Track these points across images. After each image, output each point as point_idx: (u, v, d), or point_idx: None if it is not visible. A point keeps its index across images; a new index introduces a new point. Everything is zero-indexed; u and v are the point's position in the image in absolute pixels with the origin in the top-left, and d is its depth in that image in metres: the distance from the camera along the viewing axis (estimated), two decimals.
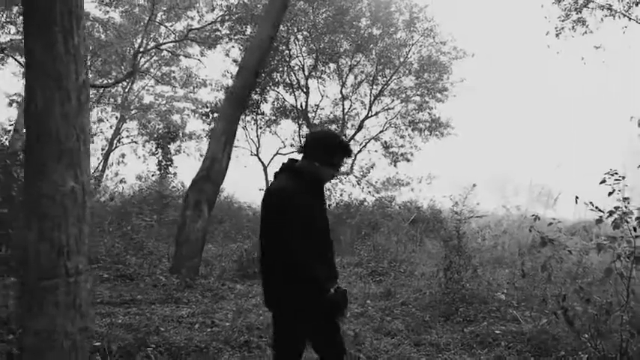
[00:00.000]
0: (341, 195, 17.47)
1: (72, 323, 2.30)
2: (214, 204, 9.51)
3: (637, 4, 9.49)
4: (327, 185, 18.25)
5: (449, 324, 6.95)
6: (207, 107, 19.73)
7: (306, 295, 3.06)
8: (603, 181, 5.21)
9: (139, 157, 23.21)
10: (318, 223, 3.24)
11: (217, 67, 52.07)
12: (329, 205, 17.03)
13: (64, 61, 2.22)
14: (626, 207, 5.30)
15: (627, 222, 5.34)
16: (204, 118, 19.78)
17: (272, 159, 21.04)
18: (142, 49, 20.28)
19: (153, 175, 19.69)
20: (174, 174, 19.93)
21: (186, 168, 19.88)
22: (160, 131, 21.18)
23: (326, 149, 3.25)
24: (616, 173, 5.25)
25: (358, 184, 19.83)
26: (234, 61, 19.01)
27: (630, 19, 8.66)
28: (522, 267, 7.15)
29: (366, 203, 17.39)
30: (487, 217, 15.07)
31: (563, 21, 12.45)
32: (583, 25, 12.28)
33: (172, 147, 20.76)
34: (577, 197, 5.45)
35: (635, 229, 5.21)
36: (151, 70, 23.71)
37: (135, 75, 21.27)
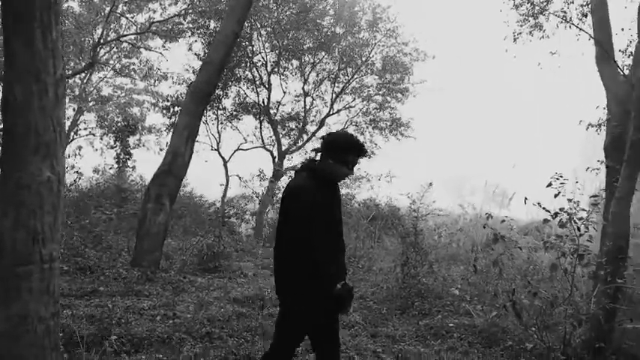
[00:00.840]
0: None
1: (45, 308, 2.38)
2: (176, 198, 9.53)
3: (586, 16, 9.90)
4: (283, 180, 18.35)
5: (405, 317, 7.21)
6: (168, 101, 19.54)
7: (318, 290, 3.24)
8: (550, 184, 5.52)
9: (96, 150, 22.76)
10: (332, 220, 3.42)
11: (179, 61, 51.40)
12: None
13: (43, 56, 2.30)
14: (572, 208, 5.64)
15: (575, 222, 5.67)
16: (164, 111, 19.60)
17: (232, 154, 21.00)
18: (102, 41, 19.93)
19: (111, 169, 19.44)
20: (133, 167, 19.74)
21: (146, 162, 19.68)
22: (119, 124, 20.88)
23: (340, 148, 3.40)
24: (561, 176, 5.56)
25: None
26: (197, 55, 18.90)
27: (580, 29, 9.04)
28: (475, 263, 7.44)
29: None
30: (444, 215, 15.46)
31: (521, 26, 12.81)
32: (540, 29, 12.68)
33: (131, 140, 20.53)
34: (526, 198, 5.75)
35: (579, 229, 5.54)
36: (111, 61, 23.31)
37: (94, 66, 20.89)
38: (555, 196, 5.54)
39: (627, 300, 6.84)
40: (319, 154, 3.50)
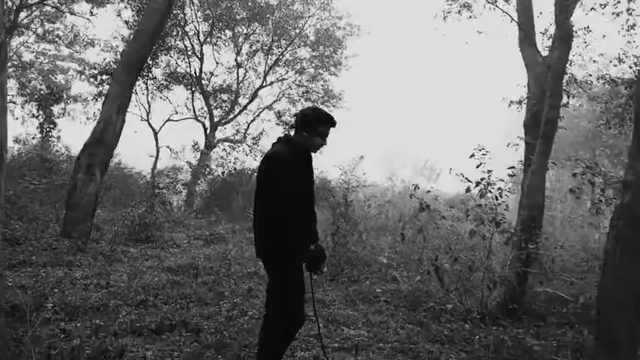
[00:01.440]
0: (234, 163, 17.63)
1: None
2: (107, 168, 9.38)
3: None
4: (220, 154, 18.31)
5: (334, 283, 7.52)
6: (95, 69, 18.90)
7: (289, 256, 3.47)
8: (472, 156, 5.90)
9: (17, 119, 21.74)
10: (305, 188, 3.63)
11: (107, 28, 49.36)
12: (222, 173, 17.15)
13: None
14: (489, 179, 6.06)
15: (490, 192, 6.11)
16: (92, 80, 18.95)
17: (163, 125, 20.66)
18: (23, 3, 18.95)
19: (33, 138, 18.68)
20: (58, 137, 19.04)
21: (72, 132, 19.05)
22: (42, 92, 20.00)
23: (313, 122, 3.63)
24: (483, 149, 5.96)
25: (250, 152, 19.98)
26: (126, 22, 18.30)
27: (504, 12, 9.49)
28: (402, 232, 7.82)
29: None
30: (374, 187, 15.91)
31: (450, 5, 13.17)
32: (468, 9, 13.09)
33: (56, 109, 19.73)
34: (451, 169, 6.11)
35: (496, 198, 5.97)
36: (32, 26, 22.19)
37: (14, 30, 19.86)
38: (477, 167, 5.92)
39: (539, 265, 7.43)
40: (293, 129, 3.74)
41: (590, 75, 11.80)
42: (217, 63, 20.22)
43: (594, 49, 12.01)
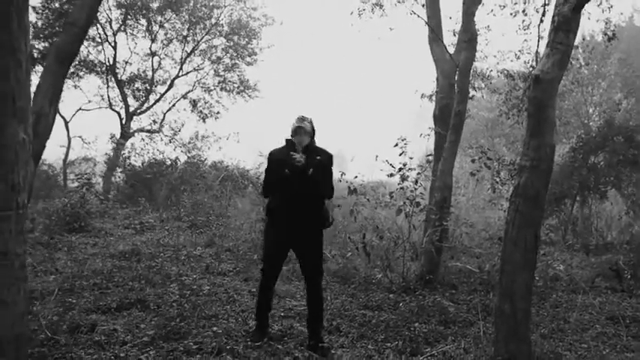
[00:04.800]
0: (152, 153, 17.67)
1: (20, 246, 2.85)
2: (40, 160, 9.38)
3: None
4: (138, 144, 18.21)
5: None
6: None
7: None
8: (396, 145, 6.70)
9: None
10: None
11: None
12: (142, 163, 17.11)
13: (17, 36, 2.72)
14: (409, 165, 6.91)
15: (408, 177, 6.95)
16: None
17: (74, 115, 20.14)
18: None
19: None
20: None
21: None
22: None
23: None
24: (404, 139, 6.77)
25: (170, 142, 19.98)
26: (33, 8, 17.62)
27: (414, 13, 10.37)
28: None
29: (178, 162, 17.73)
30: None
31: (364, 3, 14.01)
32: (380, 8, 14.01)
33: None
34: (377, 156, 6.86)
35: (416, 182, 6.83)
36: None
37: None
38: (400, 154, 6.74)
39: (450, 241, 8.43)
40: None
41: (492, 70, 13.04)
42: (131, 52, 20.01)
43: (494, 45, 13.32)
